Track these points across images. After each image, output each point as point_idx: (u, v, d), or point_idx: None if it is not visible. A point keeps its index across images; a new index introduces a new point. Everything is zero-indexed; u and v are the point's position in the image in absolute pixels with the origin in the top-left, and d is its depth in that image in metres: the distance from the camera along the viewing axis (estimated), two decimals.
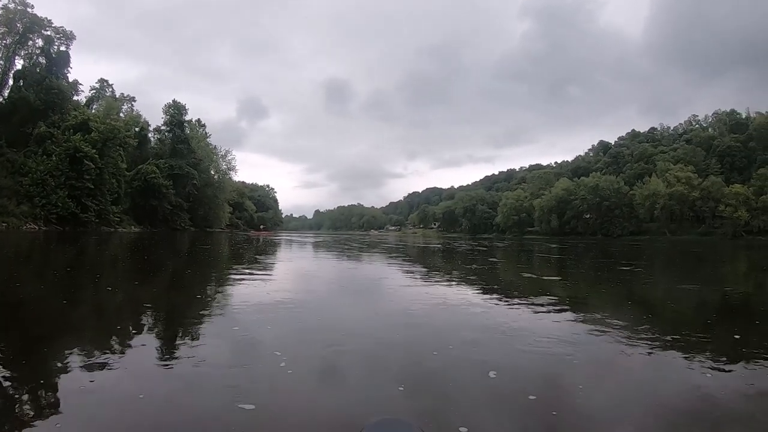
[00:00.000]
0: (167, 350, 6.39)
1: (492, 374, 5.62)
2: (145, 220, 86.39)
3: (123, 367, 5.50)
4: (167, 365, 5.74)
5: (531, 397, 4.93)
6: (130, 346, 6.57)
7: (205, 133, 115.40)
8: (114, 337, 7.13)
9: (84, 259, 23.68)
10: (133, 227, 79.71)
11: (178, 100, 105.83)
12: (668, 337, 7.88)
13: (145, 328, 7.80)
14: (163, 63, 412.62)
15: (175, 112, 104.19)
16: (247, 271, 18.60)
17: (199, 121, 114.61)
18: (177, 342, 6.93)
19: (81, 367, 5.44)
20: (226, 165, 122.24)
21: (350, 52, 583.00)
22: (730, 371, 6.14)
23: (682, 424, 4.54)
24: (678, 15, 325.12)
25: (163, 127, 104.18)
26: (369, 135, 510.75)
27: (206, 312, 9.25)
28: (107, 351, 6.18)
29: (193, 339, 7.13)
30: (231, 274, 17.91)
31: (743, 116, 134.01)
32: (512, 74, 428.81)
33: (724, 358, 6.75)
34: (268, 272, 18.76)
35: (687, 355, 6.84)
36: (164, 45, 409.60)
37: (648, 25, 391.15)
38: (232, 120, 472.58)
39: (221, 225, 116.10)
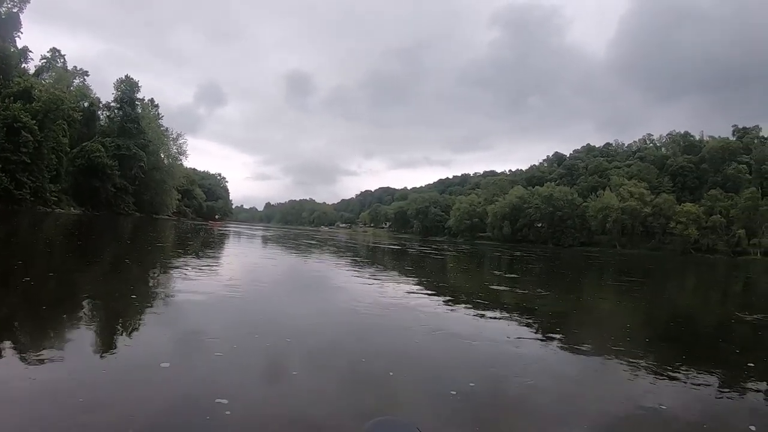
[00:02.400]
0: (99, 345, 6.10)
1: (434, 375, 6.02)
2: (87, 202, 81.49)
3: (60, 362, 5.22)
4: (98, 361, 5.49)
5: (452, 392, 5.27)
6: (66, 340, 6.23)
7: (158, 113, 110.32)
8: (43, 332, 6.56)
9: (10, 241, 21.65)
10: (72, 209, 75.08)
11: (139, 80, 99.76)
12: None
13: (72, 323, 7.29)
14: (126, 42, 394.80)
15: (127, 88, 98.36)
16: (193, 264, 17.49)
17: (152, 101, 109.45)
18: (108, 338, 6.55)
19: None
20: (177, 149, 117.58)
21: (317, 46, 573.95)
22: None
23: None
24: (642, 39, 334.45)
25: (112, 104, 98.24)
26: (327, 131, 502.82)
27: (143, 307, 8.71)
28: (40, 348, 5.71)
29: (127, 335, 6.83)
30: (174, 266, 16.71)
31: (696, 138, 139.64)
32: (476, 81, 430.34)
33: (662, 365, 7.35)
34: (215, 266, 17.91)
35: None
36: (130, 24, 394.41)
37: (612, 45, 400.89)
38: (190, 106, 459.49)
39: (168, 212, 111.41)
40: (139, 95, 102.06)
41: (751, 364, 7.74)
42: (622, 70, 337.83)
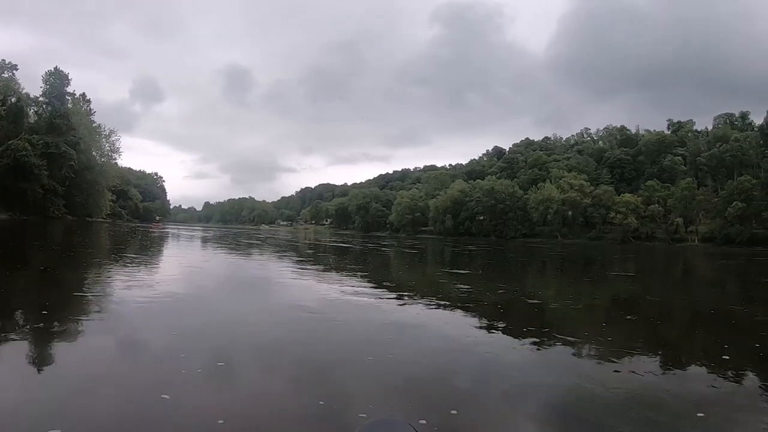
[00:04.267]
0: (35, 355, 5.93)
1: (371, 359, 6.31)
2: (15, 205, 74.84)
3: None
4: (37, 370, 5.38)
5: (402, 383, 5.51)
6: None
7: (90, 109, 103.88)
8: None
9: None
10: None
11: (72, 75, 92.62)
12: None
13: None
14: (58, 34, 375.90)
15: (56, 81, 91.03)
16: (130, 268, 16.84)
17: (83, 95, 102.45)
18: (42, 348, 6.25)
19: None
20: (110, 147, 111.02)
21: (255, 40, 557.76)
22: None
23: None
24: (580, 39, 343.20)
25: (41, 98, 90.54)
26: (266, 127, 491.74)
27: (80, 313, 8.41)
28: None
29: (65, 344, 6.50)
30: (109, 271, 15.95)
31: (633, 132, 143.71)
32: (415, 77, 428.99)
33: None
34: (154, 269, 17.60)
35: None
36: (63, 15, 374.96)
37: (552, 44, 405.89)
38: (125, 102, 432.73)
39: (102, 214, 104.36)
40: (70, 89, 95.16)
41: (698, 349, 8.51)
42: (561, 68, 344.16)
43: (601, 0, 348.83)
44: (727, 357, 7.42)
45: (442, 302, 12.00)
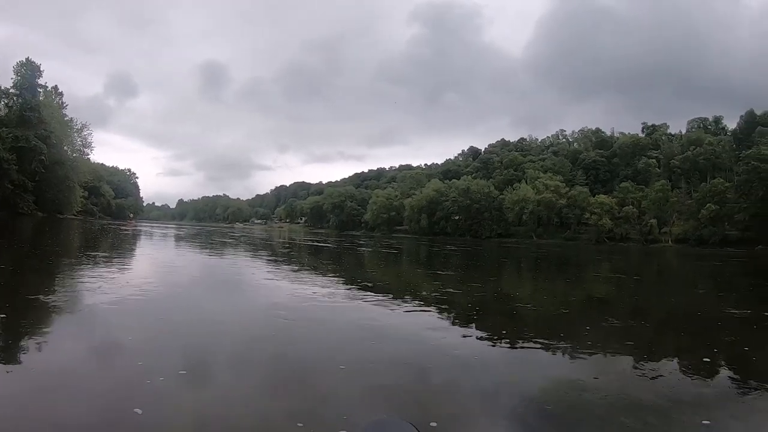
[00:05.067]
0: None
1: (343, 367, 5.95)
2: None
3: None
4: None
5: (377, 383, 5.50)
6: None
7: (62, 102, 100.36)
8: None
9: None
10: None
11: (47, 68, 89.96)
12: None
13: None
14: (34, 25, 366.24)
15: (28, 72, 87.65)
16: (104, 267, 16.45)
17: (55, 88, 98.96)
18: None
19: None
20: (82, 141, 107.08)
21: (234, 36, 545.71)
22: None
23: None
24: (558, 40, 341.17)
25: (11, 90, 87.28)
26: (242, 125, 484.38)
27: (42, 317, 7.88)
28: None
29: (36, 343, 6.25)
30: (81, 270, 15.37)
31: (608, 135, 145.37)
32: (393, 76, 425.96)
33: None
34: (128, 268, 17.27)
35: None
36: (39, 5, 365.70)
37: (530, 45, 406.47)
38: (98, 96, 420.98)
39: (73, 210, 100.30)
40: (42, 81, 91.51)
41: (667, 343, 8.92)
42: (538, 70, 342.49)
43: (579, 3, 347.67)
44: (708, 359, 7.52)
45: (419, 302, 12.13)
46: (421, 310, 10.92)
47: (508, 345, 7.84)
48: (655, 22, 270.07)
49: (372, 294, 12.86)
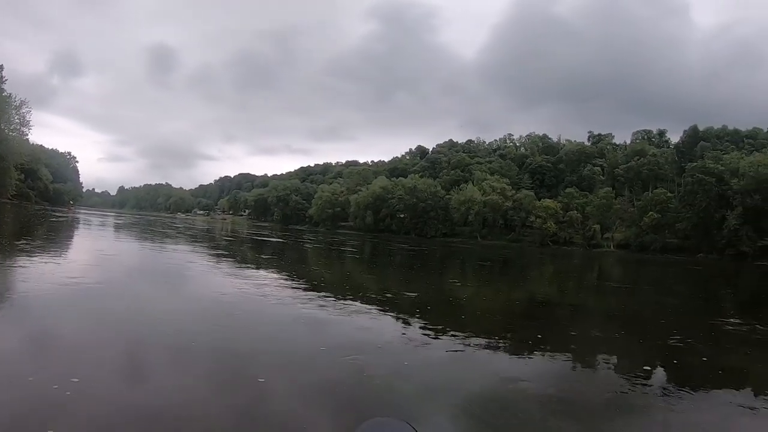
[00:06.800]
0: None
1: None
2: None
3: None
4: None
5: (318, 379, 5.64)
6: None
7: (0, 76, 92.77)
8: None
9: None
10: None
11: None
12: None
13: None
14: None
15: None
16: (39, 256, 15.92)
17: None
18: None
19: None
20: (20, 120, 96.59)
21: (186, 19, 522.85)
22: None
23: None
24: (511, 47, 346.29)
25: None
26: (189, 112, 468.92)
27: None
28: None
29: None
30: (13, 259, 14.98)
31: (554, 141, 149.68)
32: (345, 71, 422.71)
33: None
34: (63, 258, 16.80)
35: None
36: None
37: (483, 50, 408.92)
38: (42, 75, 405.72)
39: (7, 194, 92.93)
40: None
41: (602, 342, 9.41)
42: (490, 74, 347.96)
43: (533, 12, 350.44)
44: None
45: (360, 299, 12.23)
46: (362, 307, 11.03)
47: (450, 343, 7.98)
48: (607, 35, 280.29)
49: (314, 289, 13.15)
